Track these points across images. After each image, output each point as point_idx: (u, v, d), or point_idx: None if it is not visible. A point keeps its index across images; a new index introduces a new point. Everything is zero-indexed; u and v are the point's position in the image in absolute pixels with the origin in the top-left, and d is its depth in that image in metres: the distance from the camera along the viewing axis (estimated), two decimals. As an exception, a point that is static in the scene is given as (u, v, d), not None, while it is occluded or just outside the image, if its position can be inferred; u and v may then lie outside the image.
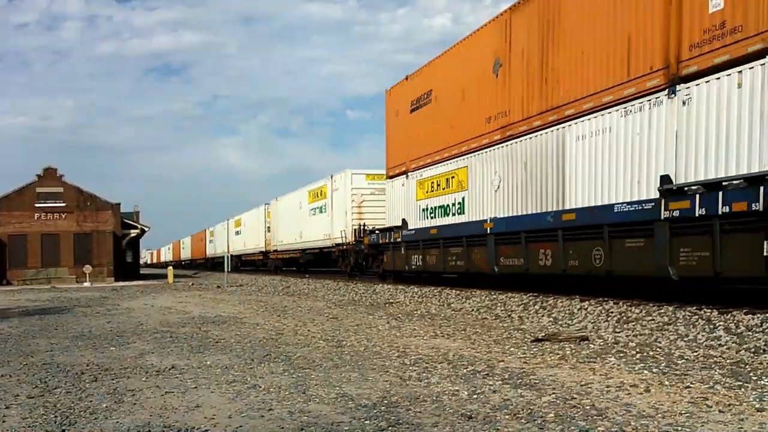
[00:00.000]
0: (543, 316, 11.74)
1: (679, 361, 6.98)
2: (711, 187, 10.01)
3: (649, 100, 11.45)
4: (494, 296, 14.94)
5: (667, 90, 11.06)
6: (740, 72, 9.67)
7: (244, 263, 49.60)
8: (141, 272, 55.23)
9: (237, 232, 52.87)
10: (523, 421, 4.73)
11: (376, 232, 24.83)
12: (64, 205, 38.95)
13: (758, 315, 8.98)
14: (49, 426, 4.97)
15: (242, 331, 10.78)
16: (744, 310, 9.42)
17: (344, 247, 28.96)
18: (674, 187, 10.71)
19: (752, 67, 9.44)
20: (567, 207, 13.46)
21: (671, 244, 10.71)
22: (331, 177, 31.48)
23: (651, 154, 11.42)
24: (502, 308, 13.16)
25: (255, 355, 8.06)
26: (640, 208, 11.36)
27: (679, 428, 4.45)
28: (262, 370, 7.08)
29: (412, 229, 21.07)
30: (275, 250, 39.37)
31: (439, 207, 19.55)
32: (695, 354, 7.43)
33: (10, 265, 38.17)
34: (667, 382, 5.90)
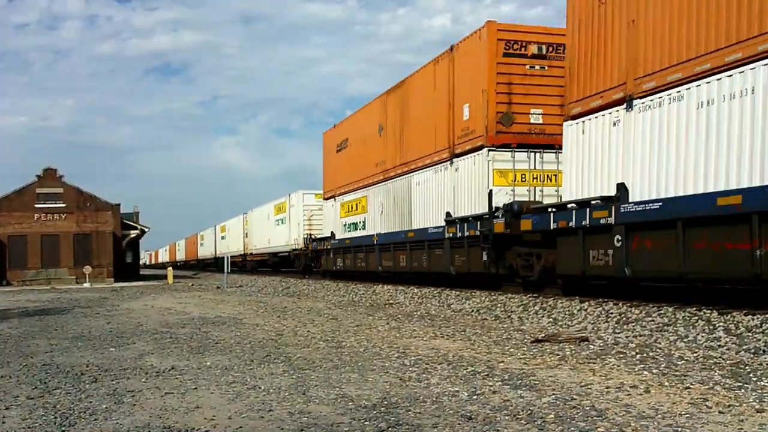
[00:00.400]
0: (543, 317, 11.74)
1: (678, 362, 6.98)
2: (465, 220, 17.74)
3: (444, 165, 19.39)
4: (494, 297, 14.95)
5: (449, 161, 19.00)
6: (474, 155, 17.58)
7: (235, 266, 54.18)
8: (141, 273, 55.47)
9: (222, 237, 59.59)
10: (522, 422, 4.73)
11: (316, 240, 32.74)
12: (63, 205, 38.95)
13: (758, 316, 8.99)
14: (48, 427, 4.97)
15: (242, 331, 10.78)
16: (744, 311, 9.43)
17: (298, 251, 37.55)
18: (450, 219, 18.64)
19: (478, 154, 17.38)
20: (412, 228, 21.34)
21: (451, 252, 18.74)
22: (289, 195, 39.55)
23: (442, 198, 19.39)
24: (502, 309, 13.16)
25: (255, 356, 8.06)
26: (439, 231, 19.23)
27: (679, 429, 4.45)
28: (262, 370, 7.08)
29: (337, 239, 28.90)
30: (251, 253, 47.03)
31: (352, 223, 27.30)
32: (695, 355, 7.43)
33: (9, 265, 38.17)
34: (667, 383, 5.90)
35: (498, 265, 16.53)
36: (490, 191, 16.58)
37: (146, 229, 45.62)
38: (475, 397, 5.56)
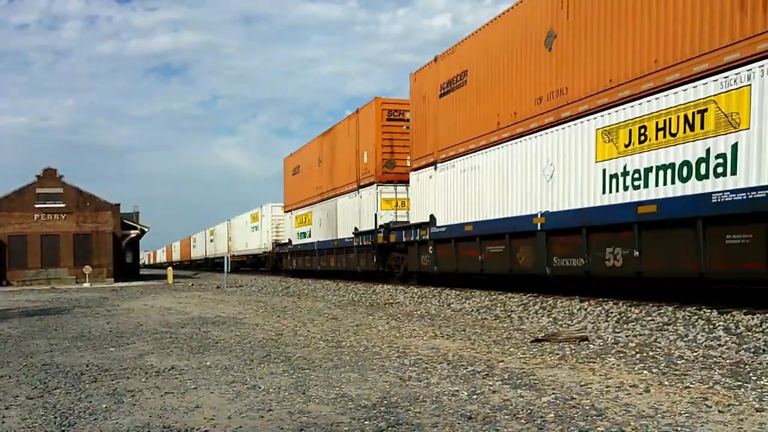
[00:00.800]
0: (543, 316, 11.74)
1: (678, 362, 6.98)
2: (364, 233, 25.03)
3: (354, 193, 26.66)
4: (494, 296, 14.96)
5: (356, 190, 26.27)
6: (369, 188, 24.87)
7: (215, 264, 61.00)
8: (141, 273, 55.58)
9: (211, 240, 67.62)
10: (522, 421, 4.73)
11: (279, 245, 40.47)
12: (63, 205, 38.95)
13: (758, 315, 9.00)
14: (48, 427, 4.97)
15: (242, 331, 10.78)
16: (744, 311, 9.43)
17: (267, 254, 45.11)
18: (356, 232, 25.83)
19: (371, 187, 24.68)
20: (336, 237, 28.60)
21: (358, 256, 25.98)
22: (261, 207, 47.34)
23: (353, 218, 26.59)
24: (502, 308, 13.16)
25: (255, 356, 8.06)
26: (351, 240, 26.34)
27: (679, 428, 4.45)
28: (262, 370, 7.08)
29: (292, 245, 36.52)
30: (233, 255, 53.64)
31: (302, 232, 34.79)
32: (695, 354, 7.43)
33: (9, 265, 38.16)
34: (666, 383, 5.90)
35: (384, 265, 23.72)
36: (375, 214, 23.81)
37: (146, 229, 45.62)
38: (474, 396, 5.56)
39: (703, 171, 10.42)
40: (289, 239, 37.38)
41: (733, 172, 9.88)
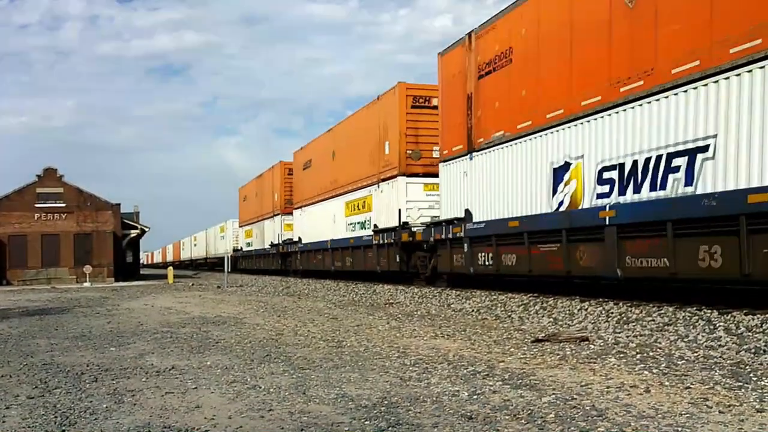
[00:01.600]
0: (543, 316, 11.74)
1: (679, 362, 6.98)
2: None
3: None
4: (494, 296, 14.95)
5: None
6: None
7: (199, 265, 75.38)
8: (141, 272, 55.70)
9: (195, 244, 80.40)
10: (523, 421, 4.73)
11: (238, 250, 53.08)
12: (64, 205, 38.95)
13: (758, 316, 8.99)
14: (49, 426, 4.97)
15: (242, 331, 10.79)
16: (744, 311, 9.42)
17: (233, 256, 53.40)
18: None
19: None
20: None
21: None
22: (226, 222, 60.77)
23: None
24: (502, 309, 13.16)
25: (255, 356, 8.06)
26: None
27: (680, 429, 4.45)
28: (263, 370, 7.08)
29: (244, 250, 46.83)
30: (209, 257, 67.38)
31: (248, 242, 44.59)
32: (695, 355, 7.43)
33: (10, 265, 38.17)
34: (667, 383, 5.90)
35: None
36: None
37: (146, 229, 45.63)
38: (475, 396, 5.56)
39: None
40: (240, 248, 44.44)
41: None
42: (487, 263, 16.11)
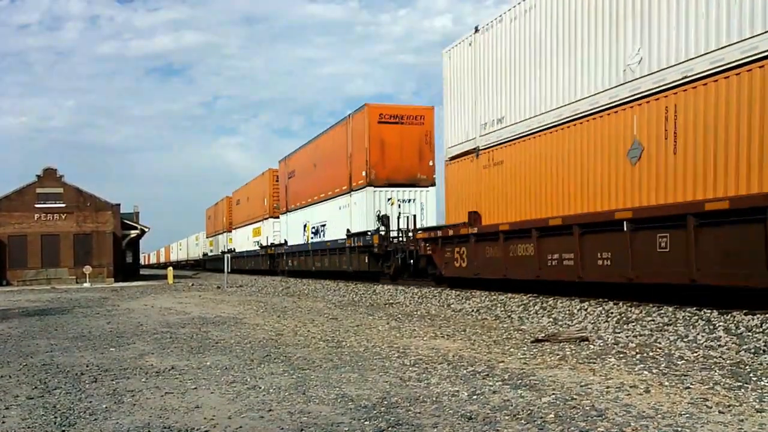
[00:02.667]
0: (543, 316, 11.74)
1: (679, 362, 6.98)
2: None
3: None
4: (494, 297, 14.94)
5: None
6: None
7: (184, 266, 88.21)
8: (141, 273, 55.67)
9: (180, 249, 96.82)
10: (522, 421, 4.73)
11: (206, 254, 67.30)
12: (63, 205, 38.95)
13: (758, 316, 8.99)
14: (48, 427, 4.97)
15: (242, 331, 10.78)
16: (744, 311, 9.43)
17: (201, 259, 72.75)
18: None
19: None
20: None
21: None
22: (197, 234, 78.55)
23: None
24: (502, 309, 13.16)
25: (255, 356, 8.06)
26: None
27: (679, 429, 4.44)
28: (262, 370, 7.08)
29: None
30: (188, 259, 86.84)
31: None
32: (695, 355, 7.43)
33: (9, 265, 38.17)
34: (667, 383, 5.90)
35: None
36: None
37: (146, 229, 45.63)
38: (475, 396, 5.55)
39: None
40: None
41: None
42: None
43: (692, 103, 10.72)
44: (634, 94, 11.86)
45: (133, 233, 43.64)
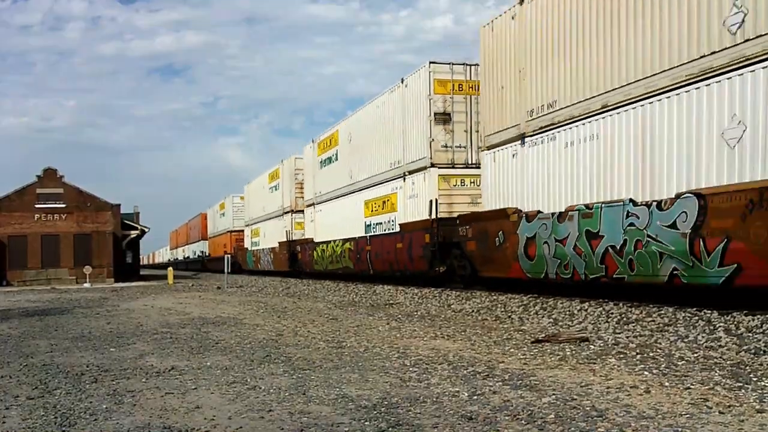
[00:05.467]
0: (543, 317, 11.74)
1: (679, 363, 6.98)
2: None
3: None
4: (494, 297, 14.94)
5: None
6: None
7: (167, 266, 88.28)
8: (141, 273, 55.66)
9: (174, 248, 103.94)
10: (523, 422, 4.73)
11: (185, 257, 79.20)
12: (64, 206, 38.96)
13: (758, 316, 8.99)
14: (49, 427, 4.97)
15: (242, 332, 10.78)
16: (744, 312, 9.43)
17: (183, 260, 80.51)
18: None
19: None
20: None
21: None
22: (166, 247, 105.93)
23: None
24: (503, 309, 13.16)
25: (255, 356, 8.06)
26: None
27: (680, 429, 4.45)
28: (262, 371, 7.08)
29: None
30: (171, 259, 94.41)
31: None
32: (695, 355, 7.43)
33: (9, 266, 38.17)
34: (667, 383, 5.90)
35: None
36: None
37: (146, 230, 45.61)
38: (475, 397, 5.55)
39: None
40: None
41: None
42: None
43: None
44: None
45: (133, 233, 43.61)
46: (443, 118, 19.92)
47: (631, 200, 11.66)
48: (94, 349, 9.13)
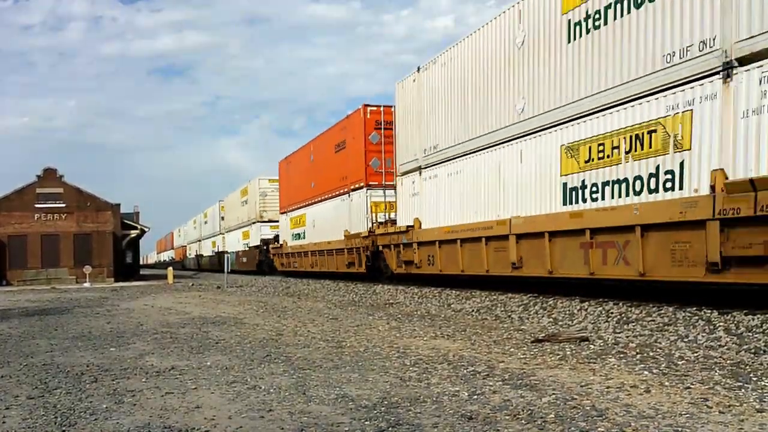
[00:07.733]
0: (543, 316, 11.74)
1: (679, 362, 6.98)
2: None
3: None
4: (494, 297, 14.95)
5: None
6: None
7: (156, 266, 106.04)
8: (141, 273, 55.65)
9: (158, 253, 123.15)
10: (523, 421, 4.73)
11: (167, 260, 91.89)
12: (64, 205, 38.95)
13: (758, 316, 8.99)
14: (49, 427, 4.97)
15: (242, 331, 10.78)
16: (744, 311, 9.43)
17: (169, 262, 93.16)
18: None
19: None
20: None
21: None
22: (153, 251, 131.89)
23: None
24: (502, 309, 13.16)
25: (255, 356, 8.06)
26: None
27: (680, 429, 4.45)
28: (262, 370, 7.08)
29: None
30: (159, 261, 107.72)
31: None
32: (695, 355, 7.43)
33: (9, 265, 38.17)
34: (667, 383, 5.90)
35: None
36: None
37: (146, 229, 45.63)
38: (475, 396, 5.56)
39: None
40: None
41: None
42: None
43: None
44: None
45: (133, 233, 43.63)
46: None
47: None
48: (94, 349, 9.13)
